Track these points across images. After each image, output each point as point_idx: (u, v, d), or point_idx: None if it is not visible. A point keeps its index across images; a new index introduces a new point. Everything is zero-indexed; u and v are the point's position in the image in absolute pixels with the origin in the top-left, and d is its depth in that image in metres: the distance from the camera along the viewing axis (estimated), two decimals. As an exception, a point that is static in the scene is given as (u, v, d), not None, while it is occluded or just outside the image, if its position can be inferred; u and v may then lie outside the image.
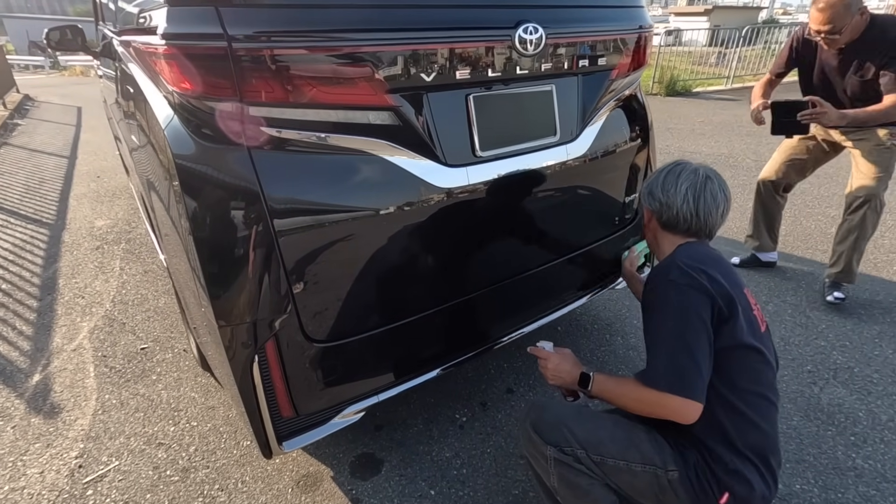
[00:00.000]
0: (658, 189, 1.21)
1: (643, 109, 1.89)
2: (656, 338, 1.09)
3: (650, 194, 1.23)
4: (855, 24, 1.99)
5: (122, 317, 2.46)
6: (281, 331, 1.19)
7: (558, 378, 1.27)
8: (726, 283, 1.07)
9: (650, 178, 1.26)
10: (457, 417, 1.82)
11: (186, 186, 1.08)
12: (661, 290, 1.10)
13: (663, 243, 1.25)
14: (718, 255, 1.17)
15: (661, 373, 1.04)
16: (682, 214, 1.18)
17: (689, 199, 1.16)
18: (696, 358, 1.01)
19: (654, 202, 1.22)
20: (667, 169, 1.23)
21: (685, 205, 1.17)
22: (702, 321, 1.03)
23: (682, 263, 1.09)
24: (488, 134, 1.37)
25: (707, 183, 1.17)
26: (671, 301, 1.06)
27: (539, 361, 1.32)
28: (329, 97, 1.11)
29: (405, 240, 1.30)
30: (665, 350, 1.05)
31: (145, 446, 1.70)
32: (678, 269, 1.08)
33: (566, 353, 1.30)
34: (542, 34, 1.33)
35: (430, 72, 1.21)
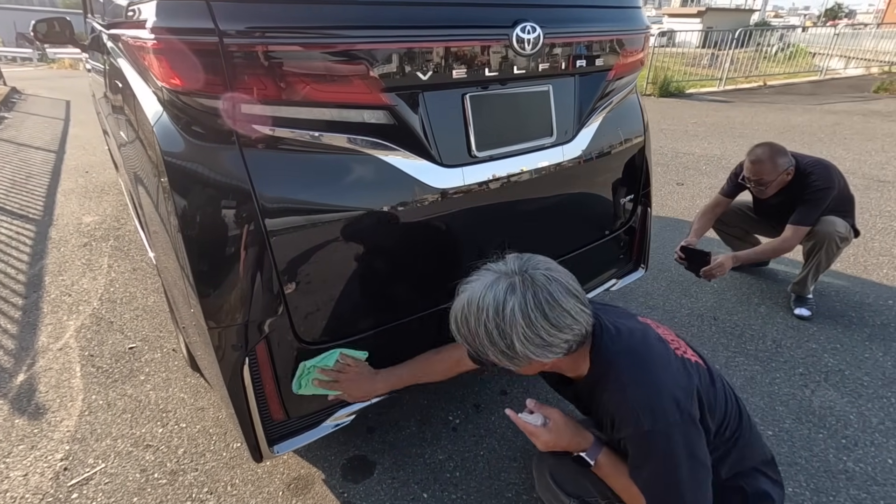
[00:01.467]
0: (556, 332, 0.91)
1: (640, 111, 1.88)
2: (658, 495, 0.96)
3: (546, 345, 0.91)
4: (781, 180, 2.23)
5: (110, 315, 2.41)
6: (272, 332, 1.17)
7: (551, 450, 1.10)
8: (682, 370, 0.99)
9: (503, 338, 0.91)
10: (450, 419, 1.81)
11: (175, 184, 1.05)
12: (643, 444, 0.95)
13: (565, 369, 1.06)
14: (643, 336, 1.03)
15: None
16: (589, 329, 0.97)
17: (581, 307, 0.94)
18: (707, 498, 0.95)
19: (557, 348, 0.93)
20: (484, 312, 0.91)
21: (587, 316, 0.95)
22: (699, 461, 0.94)
23: (652, 403, 0.93)
24: (485, 134, 1.35)
25: (538, 292, 0.90)
26: (660, 454, 0.93)
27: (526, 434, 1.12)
28: (323, 95, 1.09)
29: (399, 241, 1.28)
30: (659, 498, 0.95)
31: (133, 448, 1.67)
32: (651, 414, 0.92)
33: (558, 421, 1.09)
34: (540, 34, 1.31)
35: (426, 70, 1.19)
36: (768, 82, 10.39)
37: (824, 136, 6.03)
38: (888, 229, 3.37)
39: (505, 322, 0.90)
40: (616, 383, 0.97)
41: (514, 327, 0.89)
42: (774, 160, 2.19)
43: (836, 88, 9.86)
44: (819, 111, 7.71)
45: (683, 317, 2.41)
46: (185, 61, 0.98)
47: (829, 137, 5.94)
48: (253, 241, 1.08)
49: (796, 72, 11.29)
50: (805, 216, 2.22)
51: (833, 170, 2.26)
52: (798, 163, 2.25)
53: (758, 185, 2.27)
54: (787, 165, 2.20)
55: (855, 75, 11.55)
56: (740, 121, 7.03)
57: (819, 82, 10.71)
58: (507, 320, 0.90)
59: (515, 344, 0.90)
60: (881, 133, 6.13)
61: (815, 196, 2.20)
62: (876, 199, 3.92)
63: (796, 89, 9.93)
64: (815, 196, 2.20)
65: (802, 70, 11.40)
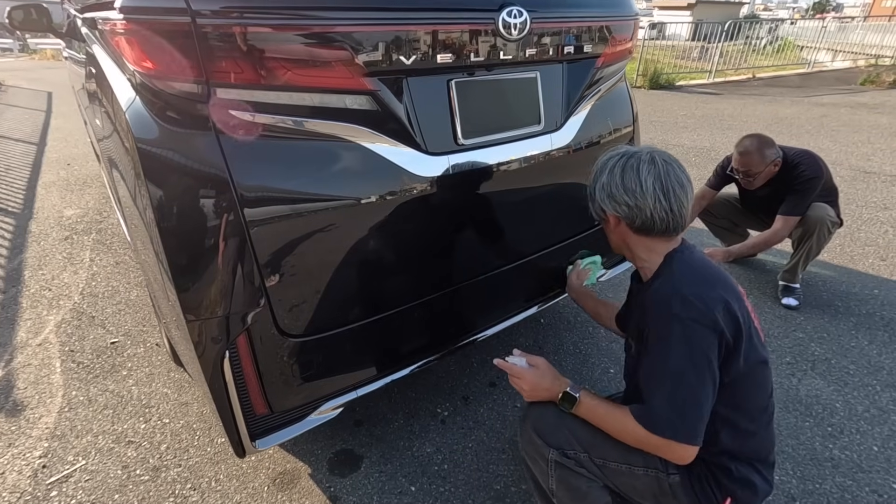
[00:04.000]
0: (620, 191, 1.05)
1: (629, 100, 1.86)
2: (656, 376, 0.98)
3: (611, 198, 1.07)
4: (769, 171, 2.23)
5: (92, 310, 2.36)
6: (253, 325, 1.14)
7: (536, 396, 1.16)
8: (734, 304, 0.97)
9: (602, 178, 1.08)
10: (438, 412, 1.79)
11: (150, 173, 1.01)
12: (662, 324, 0.97)
13: (639, 250, 1.11)
14: (717, 269, 1.06)
15: (662, 417, 0.95)
16: (658, 215, 1.03)
17: (660, 195, 1.02)
18: (700, 403, 0.94)
19: (620, 206, 1.06)
20: (619, 163, 1.06)
21: (657, 203, 1.02)
22: (707, 361, 0.94)
23: (688, 294, 0.96)
24: (471, 121, 1.32)
25: (669, 171, 1.03)
26: (674, 337, 0.95)
27: (510, 378, 1.18)
28: (304, 79, 1.05)
29: (383, 231, 1.25)
30: (666, 392, 0.95)
31: (114, 445, 1.63)
32: (682, 301, 0.95)
33: (541, 365, 1.17)
34: (527, 18, 1.28)
35: (410, 55, 1.15)
36: (757, 74, 10.43)
37: (812, 127, 6.07)
38: (874, 220, 3.40)
39: (628, 165, 1.05)
40: (671, 275, 1.03)
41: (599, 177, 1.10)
42: (762, 151, 2.19)
43: (823, 81, 9.93)
44: (807, 103, 7.76)
45: (672, 307, 2.41)
46: (157, 44, 0.94)
47: (817, 129, 5.98)
48: (232, 232, 1.05)
49: (784, 64, 11.35)
50: (795, 206, 2.23)
51: (819, 160, 2.26)
52: (785, 154, 2.25)
53: (746, 176, 2.27)
54: (775, 156, 2.21)
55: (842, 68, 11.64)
56: (729, 113, 7.05)
57: (807, 75, 10.78)
58: (629, 165, 1.05)
59: (596, 191, 1.11)
60: (867, 125, 6.18)
61: (804, 186, 2.20)
62: (862, 190, 3.95)
63: (785, 82, 9.99)
64: (804, 186, 2.20)
65: (790, 63, 11.46)
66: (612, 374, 1.97)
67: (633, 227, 1.07)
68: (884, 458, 1.59)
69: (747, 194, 2.46)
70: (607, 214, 1.11)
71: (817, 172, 2.20)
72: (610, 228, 1.14)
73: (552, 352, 2.10)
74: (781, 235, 2.28)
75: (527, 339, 2.17)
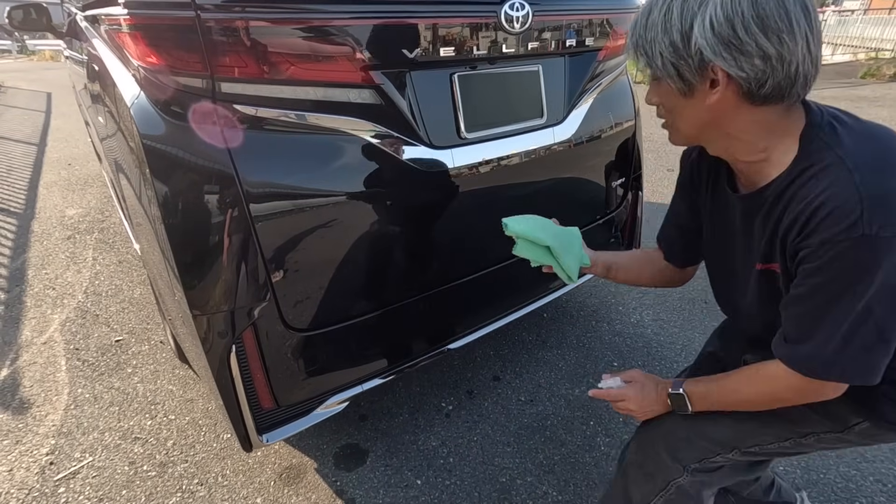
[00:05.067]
0: (753, 30, 0.62)
1: (630, 94, 1.87)
2: (826, 311, 0.69)
3: (731, 45, 0.63)
4: None
5: (96, 308, 2.37)
6: (259, 320, 1.14)
7: (649, 412, 0.98)
8: None
9: (702, 7, 0.64)
10: (443, 406, 1.80)
11: (156, 170, 1.02)
12: (840, 249, 0.64)
13: (753, 134, 0.72)
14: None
15: (835, 359, 0.70)
16: (804, 69, 0.64)
17: (809, 36, 0.63)
18: (888, 343, 0.69)
19: (747, 60, 0.64)
20: None
21: (808, 49, 0.63)
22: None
23: (881, 194, 0.63)
24: (474, 115, 1.33)
25: (808, 4, 0.63)
26: (861, 267, 0.64)
27: (614, 406, 1.01)
28: (308, 73, 1.05)
29: (388, 225, 1.25)
30: (843, 330, 0.68)
31: (120, 441, 1.64)
32: (872, 211, 0.62)
33: (637, 377, 0.99)
34: (529, 11, 1.29)
35: (412, 48, 1.16)
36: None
37: (812, 121, 6.06)
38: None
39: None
40: (838, 166, 0.65)
41: (703, 4, 0.64)
42: None
43: (824, 75, 9.86)
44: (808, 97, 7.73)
45: (675, 301, 2.42)
46: (161, 38, 0.94)
47: (818, 123, 5.96)
48: (237, 227, 1.05)
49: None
50: None
51: None
52: None
53: None
54: None
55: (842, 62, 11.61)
56: (730, 107, 7.03)
57: (807, 68, 10.75)
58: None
59: (694, 28, 0.64)
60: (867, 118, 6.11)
61: None
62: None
63: (785, 76, 9.97)
64: None
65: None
66: (615, 368, 1.98)
67: (757, 94, 0.66)
68: (888, 447, 1.59)
69: None
70: (708, 73, 0.67)
71: None
72: (697, 100, 0.71)
73: (555, 346, 2.11)
74: None
75: (530, 334, 2.18)
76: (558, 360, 2.02)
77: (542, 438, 1.66)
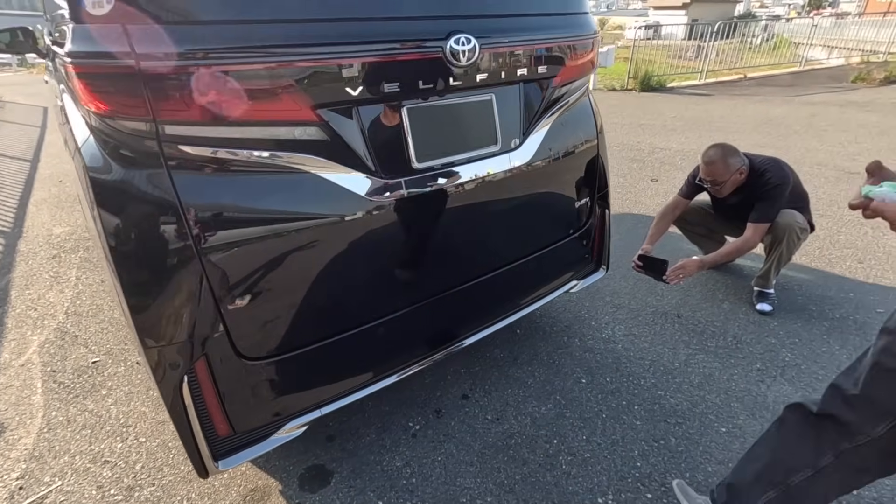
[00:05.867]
0: None
1: (591, 115, 1.90)
2: None
3: None
4: (735, 180, 2.27)
5: (75, 329, 2.40)
6: (211, 350, 1.17)
7: None
8: None
9: None
10: (410, 426, 1.82)
11: (104, 208, 1.05)
12: None
13: None
14: None
15: None
16: None
17: None
18: None
19: None
20: None
21: None
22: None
23: None
24: (425, 145, 1.36)
25: None
26: None
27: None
28: (251, 114, 1.09)
29: (338, 255, 1.28)
30: None
31: (90, 465, 1.67)
32: None
33: None
34: (476, 45, 1.32)
35: (358, 86, 1.19)
36: (748, 74, 10.46)
37: (800, 128, 6.09)
38: (854, 221, 3.42)
39: None
40: None
41: None
42: (726, 160, 2.22)
43: (815, 79, 9.95)
44: (797, 102, 7.78)
45: (648, 315, 2.44)
46: (105, 86, 0.98)
47: (805, 129, 6.00)
48: (185, 262, 1.09)
49: (777, 63, 11.37)
50: (764, 213, 2.26)
51: (785, 166, 2.30)
52: (751, 162, 2.28)
53: (713, 185, 2.31)
54: (740, 164, 2.24)
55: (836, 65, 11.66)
56: (719, 114, 7.08)
57: (799, 73, 10.81)
58: None
59: None
60: (855, 123, 6.20)
61: (771, 193, 2.23)
62: (845, 192, 3.97)
63: (776, 81, 10.02)
64: (772, 193, 2.23)
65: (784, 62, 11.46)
66: (583, 385, 2.00)
67: None
68: (846, 464, 1.61)
69: (718, 202, 2.49)
70: None
71: (783, 179, 2.23)
72: None
73: (526, 363, 2.13)
74: (752, 243, 2.30)
75: (502, 351, 2.20)
76: (528, 378, 2.05)
77: (504, 458, 1.68)
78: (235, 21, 1.04)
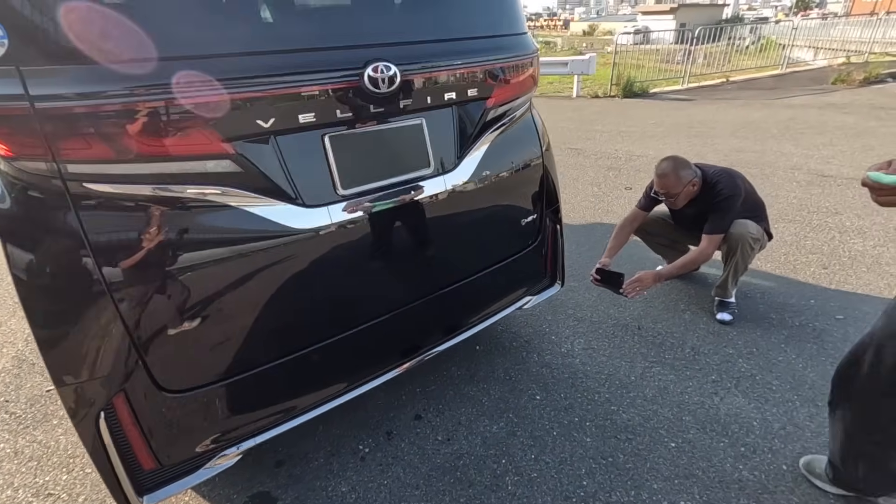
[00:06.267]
0: None
1: (535, 132, 1.91)
2: None
3: None
4: (688, 192, 2.28)
5: (33, 357, 2.39)
6: (130, 385, 1.17)
7: None
8: None
9: None
10: (360, 448, 1.81)
11: (13, 247, 1.05)
12: None
13: None
14: None
15: None
16: None
17: None
18: None
19: None
20: None
21: None
22: None
23: None
24: (350, 171, 1.36)
25: None
26: None
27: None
28: (157, 150, 1.09)
29: (262, 284, 1.28)
30: None
31: (33, 499, 1.65)
32: None
33: None
34: (396, 72, 1.33)
35: (272, 117, 1.20)
36: (731, 78, 10.54)
37: (777, 131, 6.13)
38: (823, 226, 3.44)
39: None
40: None
41: None
42: (678, 173, 2.24)
43: (797, 82, 10.03)
44: (777, 106, 7.84)
45: (608, 328, 2.44)
46: (2, 128, 0.98)
47: (782, 133, 6.04)
48: (95, 299, 1.08)
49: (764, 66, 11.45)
50: (717, 225, 2.27)
51: (737, 177, 2.31)
52: (704, 174, 2.30)
53: (667, 197, 2.32)
54: (692, 177, 2.25)
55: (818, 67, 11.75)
56: (699, 119, 7.12)
57: (781, 76, 10.89)
58: None
59: None
60: (832, 126, 6.24)
61: (722, 204, 2.24)
62: (816, 196, 3.99)
63: (758, 84, 10.09)
64: (723, 204, 2.24)
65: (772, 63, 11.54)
66: (537, 401, 1.99)
67: None
68: (791, 477, 1.61)
69: (677, 214, 2.50)
70: None
71: (735, 190, 2.25)
72: None
73: (482, 380, 2.12)
74: (708, 254, 2.31)
75: (459, 368, 2.20)
76: (482, 396, 2.04)
77: (451, 479, 1.67)
78: (135, 60, 1.04)
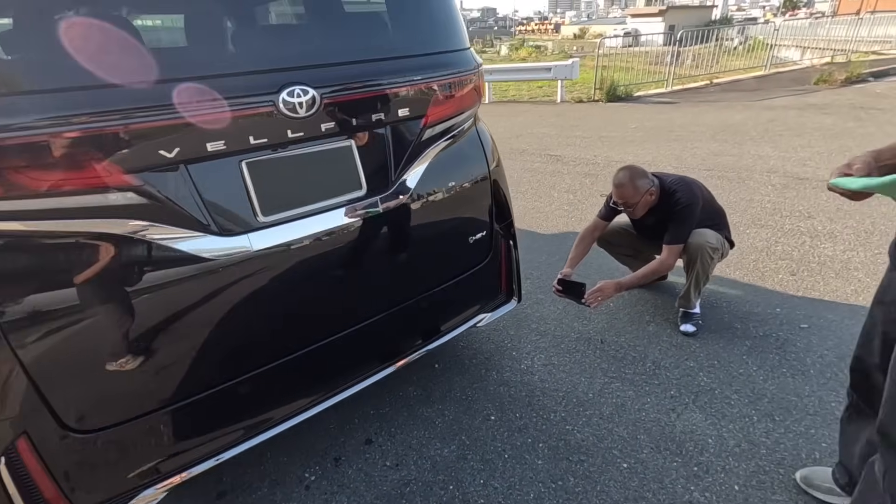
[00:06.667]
0: None
1: (482, 148, 1.88)
2: None
3: None
4: (646, 201, 2.27)
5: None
6: (32, 427, 1.12)
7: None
8: None
9: None
10: (306, 476, 1.77)
11: None
12: None
13: None
14: None
15: None
16: None
17: None
18: None
19: None
20: None
21: None
22: None
23: None
24: (271, 197, 1.33)
25: None
26: None
27: None
28: (51, 184, 1.05)
29: (175, 317, 1.24)
30: None
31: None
32: None
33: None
34: (315, 95, 1.30)
35: (180, 146, 1.16)
36: (714, 80, 10.57)
37: (756, 134, 6.13)
38: (794, 230, 3.42)
39: None
40: None
41: None
42: (635, 183, 2.21)
43: (779, 83, 10.05)
44: (759, 107, 7.85)
45: (571, 342, 2.40)
46: None
47: (761, 135, 6.04)
48: (-11, 339, 1.04)
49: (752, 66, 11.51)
50: (676, 235, 2.24)
51: (695, 185, 2.29)
52: (662, 183, 2.27)
53: (626, 207, 2.29)
54: (649, 186, 2.23)
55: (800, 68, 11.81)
56: (680, 123, 7.12)
57: (764, 77, 10.92)
58: None
59: None
60: (811, 127, 6.25)
61: (680, 214, 2.22)
62: (791, 199, 3.98)
63: (741, 86, 10.12)
64: (681, 214, 2.22)
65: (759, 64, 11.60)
66: (492, 422, 1.95)
67: None
68: (742, 497, 1.57)
69: (637, 223, 2.48)
70: None
71: (692, 199, 2.22)
72: None
73: (438, 400, 2.08)
74: (669, 264, 2.28)
75: (416, 389, 2.15)
76: (436, 417, 1.99)
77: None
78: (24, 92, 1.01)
